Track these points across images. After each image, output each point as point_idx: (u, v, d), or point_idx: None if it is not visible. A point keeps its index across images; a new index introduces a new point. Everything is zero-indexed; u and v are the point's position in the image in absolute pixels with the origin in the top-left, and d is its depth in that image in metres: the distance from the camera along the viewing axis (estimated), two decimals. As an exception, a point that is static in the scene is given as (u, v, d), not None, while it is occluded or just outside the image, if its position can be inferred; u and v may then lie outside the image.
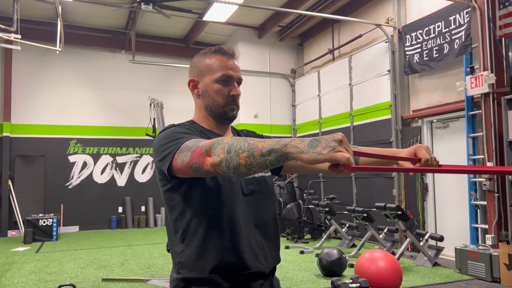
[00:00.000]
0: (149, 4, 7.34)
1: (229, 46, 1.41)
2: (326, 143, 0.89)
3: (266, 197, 1.41)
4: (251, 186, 1.37)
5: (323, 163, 0.88)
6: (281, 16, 9.06)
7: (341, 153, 0.87)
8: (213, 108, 1.39)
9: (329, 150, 0.87)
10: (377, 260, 4.30)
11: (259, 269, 1.32)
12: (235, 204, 1.31)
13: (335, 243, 7.54)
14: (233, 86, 1.39)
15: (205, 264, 1.27)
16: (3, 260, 6.36)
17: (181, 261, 1.30)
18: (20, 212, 8.99)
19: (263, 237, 1.37)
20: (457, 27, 5.99)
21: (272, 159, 0.95)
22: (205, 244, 1.27)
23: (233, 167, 1.01)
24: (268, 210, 1.41)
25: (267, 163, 0.96)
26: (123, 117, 10.22)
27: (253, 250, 1.32)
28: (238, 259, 1.29)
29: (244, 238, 1.31)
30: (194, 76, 1.42)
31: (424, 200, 6.63)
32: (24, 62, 9.44)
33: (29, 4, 8.16)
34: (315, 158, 0.88)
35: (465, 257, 5.16)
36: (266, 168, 0.99)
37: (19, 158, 9.31)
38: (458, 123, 6.29)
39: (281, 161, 0.96)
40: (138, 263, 6.07)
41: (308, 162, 0.90)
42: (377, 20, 7.66)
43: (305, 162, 0.90)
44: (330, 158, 0.87)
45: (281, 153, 0.94)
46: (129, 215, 10.11)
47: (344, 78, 8.48)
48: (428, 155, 1.19)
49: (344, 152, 0.87)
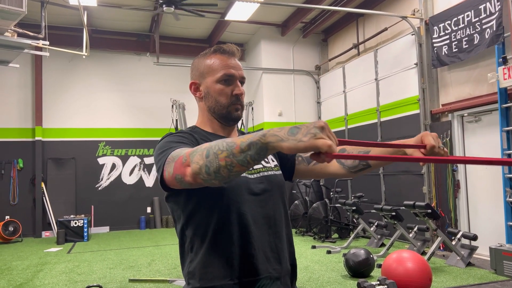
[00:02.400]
0: (171, 6, 7.40)
1: (229, 44, 1.35)
2: (306, 130, 0.84)
3: (278, 196, 1.34)
4: (262, 184, 1.29)
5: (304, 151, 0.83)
6: (304, 12, 8.94)
7: (322, 140, 0.82)
8: (216, 110, 1.33)
9: (310, 137, 0.83)
10: (405, 261, 4.15)
11: (271, 274, 1.24)
12: (243, 206, 1.23)
13: (363, 242, 7.37)
14: (235, 85, 1.33)
15: (213, 272, 1.21)
16: (36, 261, 6.56)
17: (190, 271, 1.25)
18: (53, 213, 9.27)
19: (276, 238, 1.29)
20: (487, 16, 5.72)
21: (253, 153, 0.90)
22: (213, 251, 1.21)
23: (213, 172, 0.95)
24: (281, 210, 1.34)
25: (248, 158, 0.91)
26: (149, 119, 10.37)
27: (265, 253, 1.24)
28: (248, 265, 1.21)
29: (256, 241, 1.23)
30: (195, 79, 1.37)
31: (456, 197, 6.38)
32: (54, 68, 9.71)
33: (56, 11, 8.38)
34: (295, 145, 0.84)
35: (501, 256, 4.91)
36: (248, 166, 0.93)
37: (51, 161, 9.60)
38: (490, 116, 6.00)
39: (262, 154, 0.90)
40: (165, 263, 6.12)
41: (288, 151, 0.85)
42: (402, 12, 7.43)
43: (285, 151, 0.86)
44: (310, 145, 0.82)
45: (260, 144, 0.89)
46: (158, 215, 10.25)
47: (370, 73, 8.27)
48: (435, 142, 1.09)
49: (325, 138, 0.83)
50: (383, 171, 7.86)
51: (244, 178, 1.27)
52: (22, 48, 6.78)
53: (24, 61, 9.31)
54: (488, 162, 0.86)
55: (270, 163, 1.38)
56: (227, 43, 1.39)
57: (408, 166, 7.22)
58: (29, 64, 9.53)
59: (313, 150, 0.83)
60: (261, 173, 1.32)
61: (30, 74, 9.58)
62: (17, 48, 6.72)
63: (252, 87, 10.68)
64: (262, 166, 1.34)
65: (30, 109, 9.55)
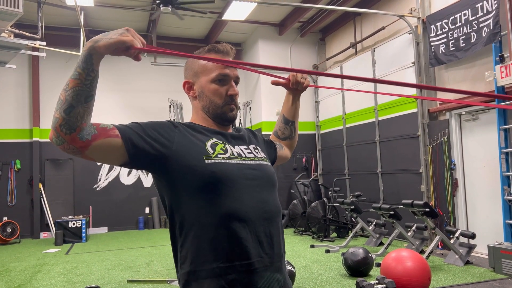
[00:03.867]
0: (168, 6, 7.38)
1: (224, 44, 1.35)
2: (115, 32, 1.06)
3: (272, 185, 1.34)
4: (256, 171, 1.30)
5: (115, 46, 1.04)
6: (301, 12, 8.93)
7: (127, 36, 1.05)
8: (211, 110, 1.33)
9: (118, 35, 1.05)
10: (404, 260, 4.15)
11: (263, 258, 1.23)
12: (237, 190, 1.23)
13: (362, 241, 7.38)
14: (230, 86, 1.33)
15: (204, 256, 1.19)
16: (34, 262, 6.54)
17: (182, 256, 1.23)
18: (51, 214, 9.25)
19: (270, 223, 1.28)
20: (484, 14, 5.72)
21: (81, 64, 1.05)
22: (204, 233, 1.19)
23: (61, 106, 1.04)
24: (275, 198, 1.34)
25: (78, 70, 1.05)
26: (147, 119, 10.03)
27: (258, 237, 1.23)
28: (240, 248, 1.19)
29: (249, 224, 1.22)
30: (189, 78, 1.38)
31: (454, 195, 6.39)
32: (51, 68, 9.68)
33: (52, 11, 8.36)
34: (108, 42, 1.04)
35: (499, 255, 4.92)
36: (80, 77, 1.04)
37: (49, 161, 9.57)
38: (488, 115, 6.01)
39: (88, 61, 1.05)
40: (164, 263, 6.11)
41: (104, 48, 1.05)
42: (400, 11, 7.43)
43: (102, 49, 1.05)
44: (118, 40, 1.04)
45: (84, 53, 1.05)
46: (156, 216, 10.23)
47: (368, 72, 8.27)
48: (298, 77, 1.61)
49: (129, 36, 1.06)
50: (381, 170, 7.87)
51: (237, 164, 1.27)
52: (19, 49, 6.77)
53: (21, 62, 9.28)
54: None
55: (260, 154, 1.40)
56: (222, 42, 1.38)
57: (406, 165, 7.23)
58: (26, 64, 9.50)
59: (121, 45, 1.05)
60: (254, 160, 1.33)
61: (27, 75, 9.55)
62: (14, 49, 6.70)
63: (250, 87, 10.67)
64: (254, 156, 1.35)
65: (27, 110, 9.52)
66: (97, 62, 1.06)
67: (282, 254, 1.32)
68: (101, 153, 1.12)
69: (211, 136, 1.31)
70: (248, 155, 1.34)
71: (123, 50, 1.06)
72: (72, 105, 1.04)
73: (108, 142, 1.12)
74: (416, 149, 7.00)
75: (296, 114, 1.73)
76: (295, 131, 1.76)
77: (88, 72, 1.04)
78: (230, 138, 1.36)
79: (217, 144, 1.29)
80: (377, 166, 8.00)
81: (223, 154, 1.27)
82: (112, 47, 1.04)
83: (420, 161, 6.90)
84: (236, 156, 1.30)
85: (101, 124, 1.14)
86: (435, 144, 6.67)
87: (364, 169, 8.49)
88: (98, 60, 1.07)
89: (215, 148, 1.27)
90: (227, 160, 1.26)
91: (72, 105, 1.04)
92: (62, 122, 1.04)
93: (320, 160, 10.28)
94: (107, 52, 1.05)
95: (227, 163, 1.25)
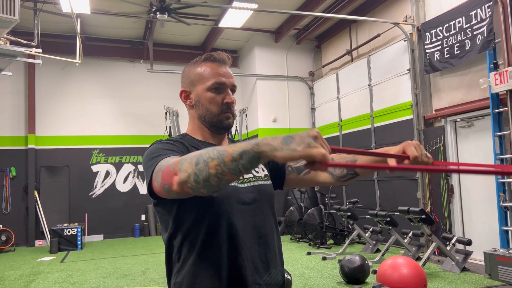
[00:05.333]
0: (164, 14, 7.41)
1: (220, 52, 1.34)
2: (300, 139, 0.85)
3: (269, 207, 1.33)
4: (252, 194, 1.28)
5: (298, 159, 0.85)
6: (297, 19, 8.98)
7: (316, 149, 0.84)
8: (207, 118, 1.32)
9: (304, 146, 0.84)
10: (400, 267, 4.15)
11: (260, 285, 1.23)
12: (233, 216, 1.22)
13: (358, 248, 7.36)
14: (226, 94, 1.32)
15: (202, 283, 1.19)
16: (29, 271, 6.48)
17: (177, 282, 1.23)
18: (46, 222, 9.18)
19: (266, 248, 1.27)
20: (478, 22, 5.77)
21: (245, 162, 0.90)
22: (201, 261, 1.20)
23: (202, 180, 0.93)
24: (270, 220, 1.33)
25: (239, 167, 0.91)
26: (143, 126, 10.33)
27: (254, 264, 1.23)
28: (237, 276, 1.20)
29: (245, 251, 1.22)
30: (186, 87, 1.36)
31: (450, 202, 6.40)
32: (47, 75, 9.67)
33: (48, 18, 8.36)
34: (290, 155, 0.85)
35: (495, 261, 4.92)
36: (239, 174, 0.92)
37: (44, 169, 9.52)
38: (483, 121, 6.05)
39: (254, 163, 0.90)
40: (159, 271, 6.07)
41: (282, 160, 0.86)
42: (395, 18, 7.49)
43: (279, 160, 0.87)
44: (305, 154, 0.84)
45: (253, 153, 0.89)
46: (152, 223, 10.19)
47: (363, 79, 8.31)
48: (418, 152, 1.13)
49: (319, 147, 0.84)
50: (377, 177, 7.88)
51: (234, 187, 1.25)
52: (15, 56, 6.76)
53: (17, 69, 9.27)
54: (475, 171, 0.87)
55: (260, 173, 1.37)
56: (218, 51, 1.38)
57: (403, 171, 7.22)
58: (22, 72, 9.49)
59: (308, 159, 0.84)
60: (252, 182, 1.31)
61: (23, 82, 9.53)
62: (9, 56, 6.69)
63: (246, 94, 10.70)
64: (253, 176, 1.33)
65: (23, 117, 9.49)
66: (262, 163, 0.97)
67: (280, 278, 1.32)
68: None
69: None
70: (247, 176, 1.32)
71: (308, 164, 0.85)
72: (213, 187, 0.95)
73: None
74: (412, 156, 7.00)
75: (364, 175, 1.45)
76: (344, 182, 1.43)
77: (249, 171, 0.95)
78: None
79: None
80: (373, 173, 8.01)
81: None
82: (295, 160, 0.85)
83: (416, 167, 6.90)
84: None
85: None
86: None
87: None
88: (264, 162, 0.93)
89: None
90: None
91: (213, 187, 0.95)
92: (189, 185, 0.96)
93: (317, 166, 10.27)
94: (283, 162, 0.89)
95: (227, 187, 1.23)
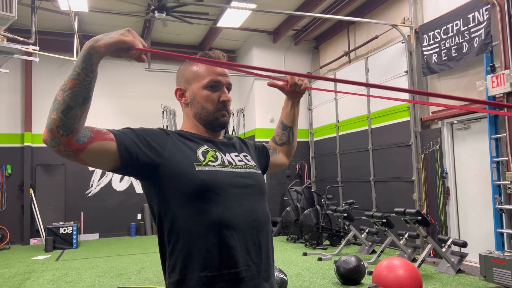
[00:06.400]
0: (163, 13, 7.39)
1: (216, 51, 1.35)
2: (117, 32, 1.05)
3: (262, 193, 1.34)
4: (246, 179, 1.29)
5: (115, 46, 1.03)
6: (295, 20, 8.99)
7: (128, 37, 1.04)
8: (202, 116, 1.33)
9: (119, 35, 1.04)
10: (396, 268, 4.16)
11: (250, 266, 1.22)
12: (226, 199, 1.22)
13: (354, 249, 7.37)
14: (222, 92, 1.33)
15: (193, 264, 1.18)
16: (23, 269, 6.45)
17: (170, 264, 1.22)
18: (41, 220, 9.15)
19: (259, 232, 1.27)
20: (476, 25, 5.80)
21: (80, 63, 1.03)
22: (192, 242, 1.19)
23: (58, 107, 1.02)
24: (264, 207, 1.33)
25: (77, 70, 1.03)
26: (140, 125, 10.07)
27: (246, 246, 1.23)
28: (228, 256, 1.19)
29: (238, 233, 1.21)
30: (181, 85, 1.38)
31: (446, 204, 6.41)
32: (44, 73, 9.63)
33: (46, 16, 8.33)
34: (108, 41, 1.03)
35: (490, 263, 4.94)
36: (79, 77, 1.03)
37: (40, 167, 9.48)
38: (480, 124, 6.07)
39: (88, 61, 1.03)
40: (155, 271, 6.06)
41: (104, 48, 1.03)
42: (393, 20, 7.51)
43: (102, 49, 1.03)
44: (119, 40, 1.03)
45: (84, 52, 1.04)
46: (148, 222, 10.16)
47: (361, 80, 8.32)
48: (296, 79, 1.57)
49: (131, 36, 1.04)
50: (373, 178, 7.89)
51: (226, 172, 1.26)
52: (12, 53, 6.72)
53: (14, 66, 9.22)
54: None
55: (250, 162, 1.39)
56: (214, 49, 1.38)
57: (399, 173, 7.26)
58: (19, 69, 9.44)
59: (121, 44, 1.03)
60: (244, 168, 1.33)
61: (19, 80, 9.49)
62: (6, 53, 6.66)
63: (243, 94, 10.69)
64: (244, 163, 1.35)
65: (19, 114, 9.45)
66: (96, 62, 1.05)
67: (271, 263, 1.32)
68: (95, 157, 1.10)
69: (202, 143, 1.31)
70: (239, 163, 1.34)
71: (123, 51, 1.05)
72: (70, 106, 1.01)
73: (104, 146, 1.10)
74: (408, 157, 7.03)
75: (295, 120, 1.68)
76: (293, 137, 1.71)
77: (87, 72, 1.03)
78: (220, 146, 1.35)
79: (208, 151, 1.29)
80: (369, 174, 8.02)
81: (213, 161, 1.27)
82: (113, 47, 1.02)
83: (412, 169, 6.93)
84: (226, 164, 1.30)
85: (95, 127, 1.11)
86: (427, 152, 6.71)
87: (357, 177, 8.51)
88: (97, 60, 1.05)
89: (206, 155, 1.27)
90: (217, 167, 1.26)
91: (70, 106, 1.01)
92: (59, 124, 1.01)
93: (313, 167, 10.30)
94: (108, 52, 1.03)
95: (218, 171, 1.25)
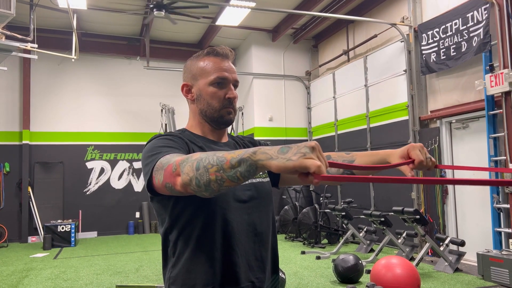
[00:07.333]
0: (161, 10, 7.38)
1: (223, 47, 1.33)
2: (297, 149, 0.82)
3: (265, 204, 1.32)
4: (249, 191, 1.28)
5: (293, 170, 0.81)
6: (294, 18, 8.98)
7: (311, 160, 0.79)
8: (208, 113, 1.31)
9: (299, 156, 0.81)
10: (394, 267, 4.16)
11: (253, 282, 1.23)
12: (229, 213, 1.22)
13: (353, 247, 7.38)
14: (229, 89, 1.31)
15: (195, 278, 1.19)
16: (21, 267, 6.44)
17: (171, 276, 1.23)
18: (39, 218, 9.13)
19: (261, 246, 1.27)
20: (475, 24, 5.80)
21: (243, 170, 0.88)
22: (196, 257, 1.20)
23: (203, 185, 0.93)
24: (267, 218, 1.32)
25: (237, 175, 0.89)
26: (139, 123, 10.30)
27: (248, 261, 1.23)
28: (231, 272, 1.20)
29: (240, 249, 1.22)
30: (187, 81, 1.35)
31: (444, 203, 6.43)
32: (42, 71, 9.61)
33: (45, 13, 8.30)
34: (284, 164, 0.82)
35: (488, 262, 4.95)
36: (238, 182, 0.91)
37: (38, 165, 9.47)
38: (478, 123, 6.08)
39: (251, 171, 0.88)
40: (153, 269, 6.06)
41: (277, 169, 0.83)
42: (392, 19, 7.51)
43: (274, 169, 0.84)
44: (299, 165, 0.80)
45: (250, 161, 0.87)
46: (146, 220, 10.16)
47: (360, 79, 8.33)
48: (423, 155, 1.12)
49: (315, 159, 0.80)
50: (372, 177, 7.89)
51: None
52: (10, 51, 6.70)
53: (12, 64, 9.20)
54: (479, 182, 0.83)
55: None
56: (221, 45, 1.36)
57: (396, 172, 7.25)
58: (17, 67, 9.42)
59: (302, 169, 0.80)
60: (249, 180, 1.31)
61: (18, 77, 9.46)
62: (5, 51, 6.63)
63: (242, 92, 10.68)
64: None
65: (17, 112, 9.43)
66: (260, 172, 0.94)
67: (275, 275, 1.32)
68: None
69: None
70: None
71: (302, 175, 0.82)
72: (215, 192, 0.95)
73: None
74: (407, 156, 7.03)
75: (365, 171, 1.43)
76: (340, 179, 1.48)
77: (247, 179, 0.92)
78: None
79: None
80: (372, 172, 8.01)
81: None
82: (289, 170, 0.82)
83: (410, 168, 6.92)
84: None
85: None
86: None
87: (355, 176, 8.50)
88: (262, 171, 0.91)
89: None
90: None
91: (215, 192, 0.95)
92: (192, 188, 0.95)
93: (312, 166, 10.28)
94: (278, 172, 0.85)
95: None
